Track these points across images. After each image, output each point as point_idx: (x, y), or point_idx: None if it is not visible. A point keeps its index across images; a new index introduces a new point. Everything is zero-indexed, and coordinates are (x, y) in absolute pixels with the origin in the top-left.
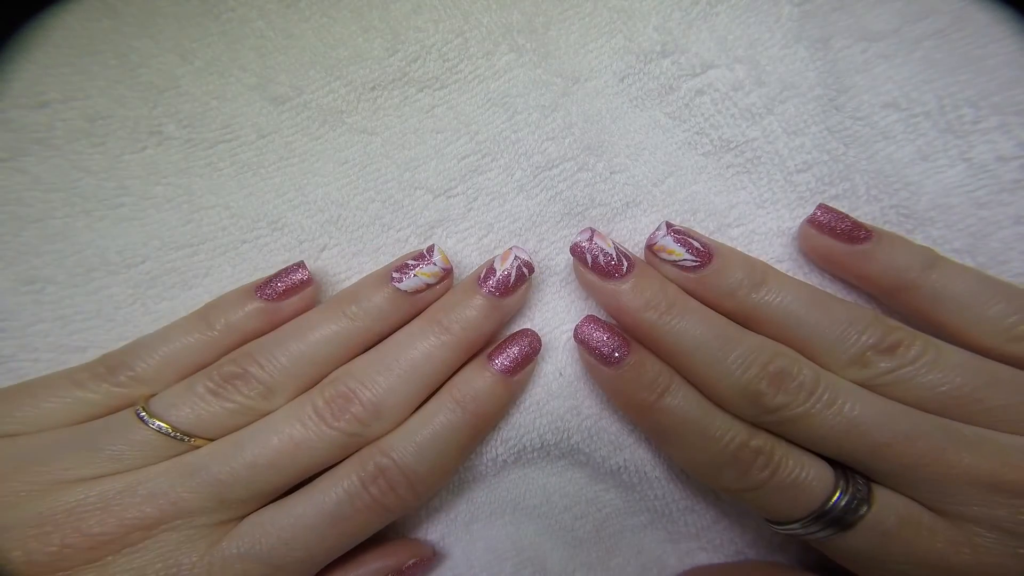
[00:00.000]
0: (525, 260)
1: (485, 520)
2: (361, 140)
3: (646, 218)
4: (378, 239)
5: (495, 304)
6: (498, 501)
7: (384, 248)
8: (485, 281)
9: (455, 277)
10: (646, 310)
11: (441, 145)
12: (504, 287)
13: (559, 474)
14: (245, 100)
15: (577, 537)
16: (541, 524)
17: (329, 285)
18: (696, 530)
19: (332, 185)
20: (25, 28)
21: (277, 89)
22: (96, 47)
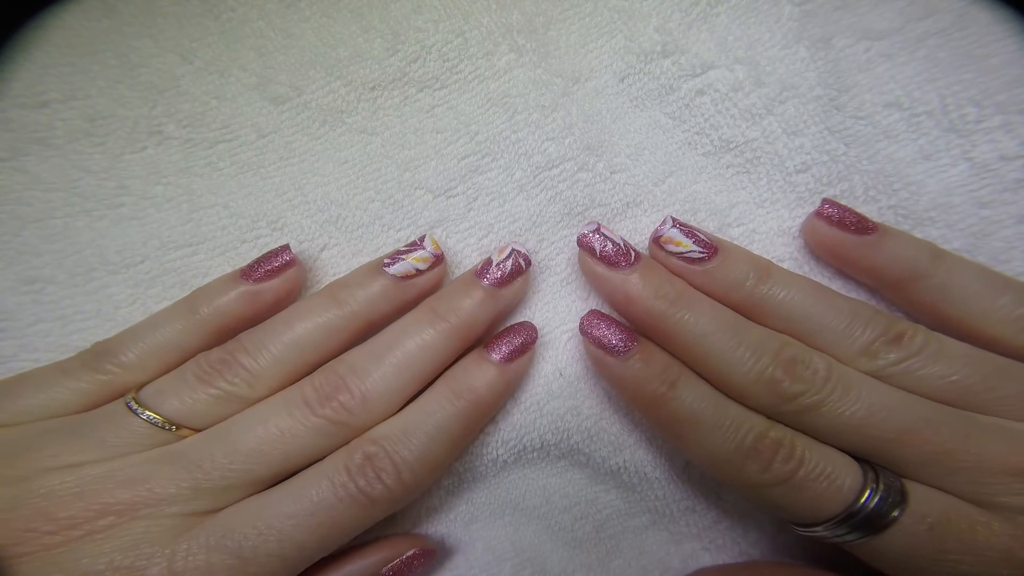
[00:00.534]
0: (522, 253)
1: (485, 520)
2: (361, 140)
3: (647, 218)
4: (378, 239)
5: (492, 294)
6: (498, 502)
7: (384, 248)
8: (482, 272)
9: (453, 276)
10: (655, 299)
11: (441, 145)
12: (501, 277)
13: (559, 475)
14: (245, 100)
15: (577, 538)
16: (541, 525)
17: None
18: (698, 531)
19: (332, 185)
20: (25, 28)
21: (277, 89)
22: (96, 47)
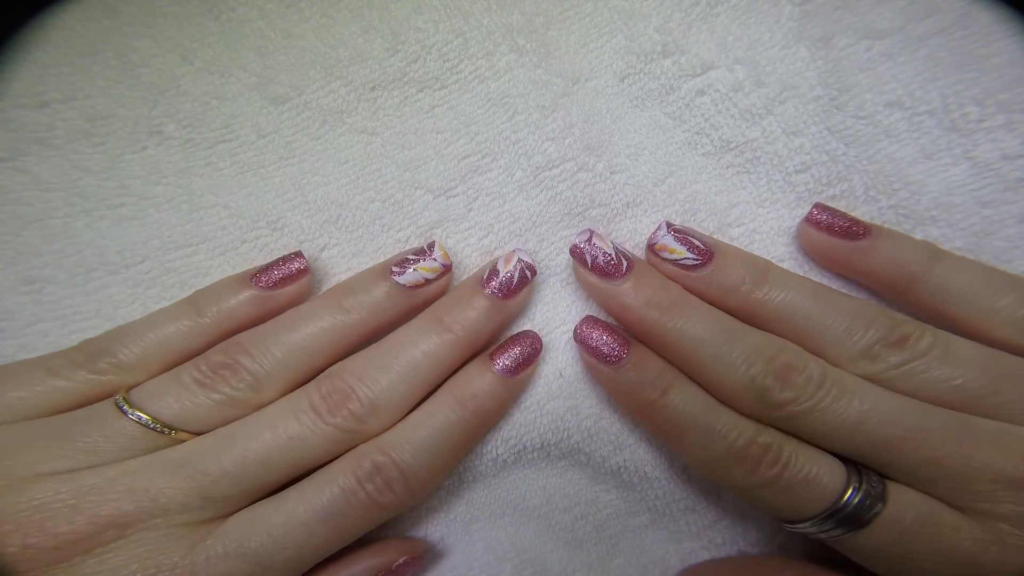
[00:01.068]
0: (528, 263)
1: (485, 521)
2: (361, 140)
3: (647, 218)
4: (378, 239)
5: (497, 306)
6: (498, 502)
7: (384, 248)
8: (488, 282)
9: (456, 278)
10: (647, 308)
11: (441, 145)
12: (507, 289)
13: (559, 475)
14: (245, 100)
15: (578, 538)
16: (541, 525)
17: (329, 285)
18: (698, 530)
19: (332, 185)
20: (25, 28)
21: (277, 89)
22: (96, 47)
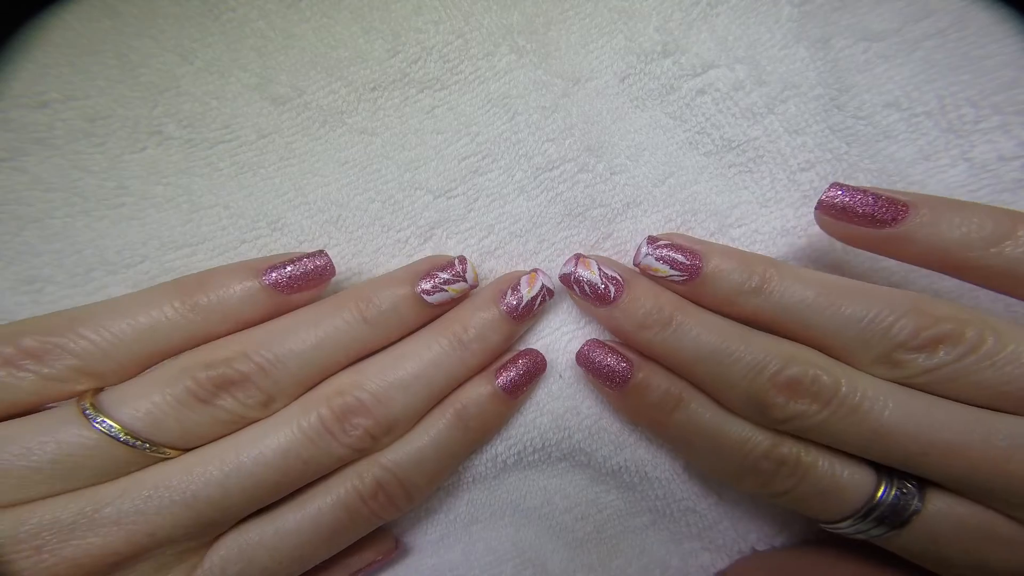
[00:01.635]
0: (549, 288)
1: (486, 521)
2: (361, 140)
3: (647, 219)
4: (378, 240)
5: (517, 329)
6: (499, 502)
7: (384, 248)
8: (512, 305)
9: None
10: (640, 330)
11: (441, 146)
12: (528, 313)
13: (560, 475)
14: (245, 100)
15: (578, 538)
16: (542, 525)
17: (329, 286)
18: (698, 530)
19: (332, 185)
20: (25, 28)
21: (277, 89)
22: (96, 47)
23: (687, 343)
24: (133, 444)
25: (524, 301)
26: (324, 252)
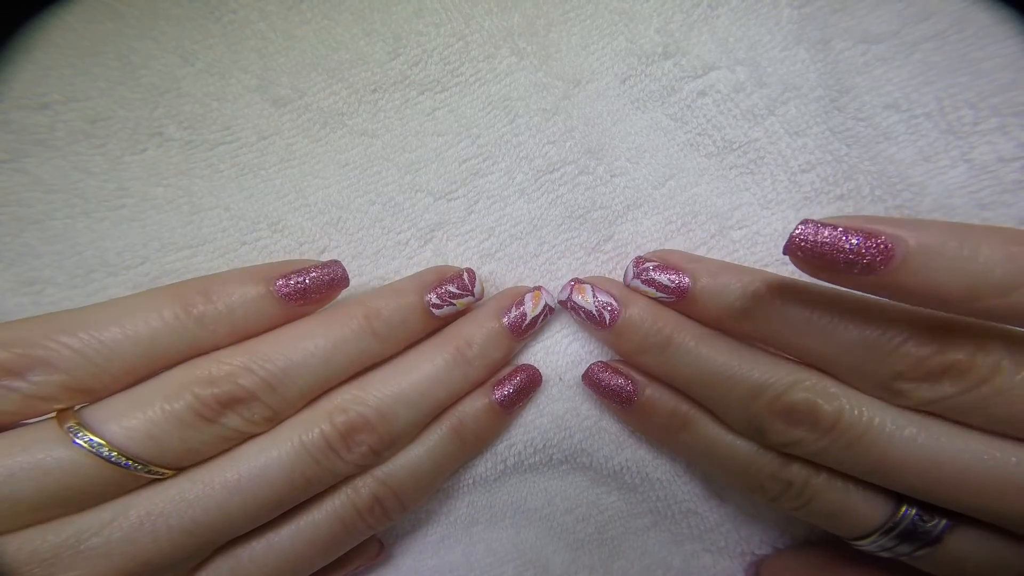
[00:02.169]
0: (552, 306)
1: (486, 523)
2: (362, 142)
3: (648, 220)
4: (378, 241)
5: (518, 345)
6: (499, 504)
7: (384, 250)
8: (515, 322)
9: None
10: (638, 354)
11: (442, 148)
12: (530, 330)
13: (561, 477)
14: (246, 102)
15: (579, 540)
16: (543, 527)
17: None
18: (700, 532)
19: (333, 187)
20: (25, 28)
21: (278, 91)
22: (97, 48)
23: (684, 365)
24: (124, 464)
25: (527, 319)
26: (339, 262)
